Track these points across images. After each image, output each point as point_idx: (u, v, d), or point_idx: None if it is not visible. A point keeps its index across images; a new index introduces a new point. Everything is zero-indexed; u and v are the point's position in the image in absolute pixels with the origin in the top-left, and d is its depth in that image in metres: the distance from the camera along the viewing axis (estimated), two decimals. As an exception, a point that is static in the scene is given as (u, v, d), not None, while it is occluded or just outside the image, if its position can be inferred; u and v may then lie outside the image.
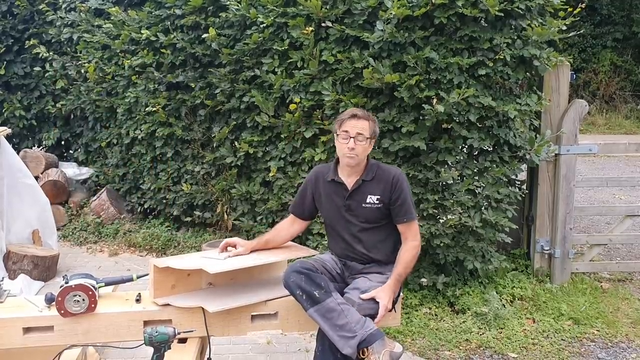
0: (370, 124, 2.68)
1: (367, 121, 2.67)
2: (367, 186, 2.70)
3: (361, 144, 2.64)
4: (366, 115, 2.71)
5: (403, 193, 2.67)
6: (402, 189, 2.67)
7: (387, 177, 2.69)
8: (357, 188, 2.70)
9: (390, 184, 2.67)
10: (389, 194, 2.67)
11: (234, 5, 4.65)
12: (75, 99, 6.53)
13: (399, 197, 2.67)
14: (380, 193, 2.68)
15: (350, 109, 2.84)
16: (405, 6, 3.74)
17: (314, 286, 2.46)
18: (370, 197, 2.68)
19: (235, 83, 4.89)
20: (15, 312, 2.49)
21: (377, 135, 2.75)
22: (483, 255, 4.22)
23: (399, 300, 2.71)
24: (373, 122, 2.70)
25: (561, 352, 3.66)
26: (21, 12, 6.73)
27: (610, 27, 15.23)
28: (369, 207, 2.69)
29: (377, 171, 2.72)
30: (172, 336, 2.30)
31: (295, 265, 2.55)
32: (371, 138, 2.69)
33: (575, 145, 4.45)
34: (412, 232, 2.70)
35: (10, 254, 4.73)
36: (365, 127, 2.65)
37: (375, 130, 2.71)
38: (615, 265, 4.82)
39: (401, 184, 2.68)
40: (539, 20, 3.97)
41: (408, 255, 2.66)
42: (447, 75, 3.78)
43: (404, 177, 2.73)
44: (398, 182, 2.68)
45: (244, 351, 3.66)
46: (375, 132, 2.72)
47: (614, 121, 13.97)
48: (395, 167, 2.83)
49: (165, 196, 5.77)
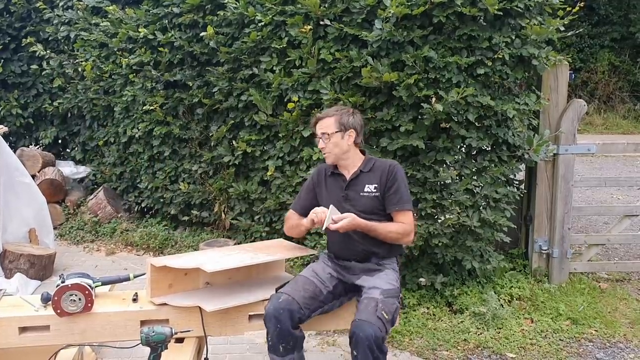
0: (335, 118, 2.75)
1: (329, 118, 2.77)
2: (365, 176, 2.78)
3: (328, 140, 2.75)
4: (329, 112, 2.81)
5: (397, 182, 2.73)
6: (396, 177, 2.73)
7: (384, 166, 2.78)
8: (355, 178, 2.79)
9: (387, 172, 2.75)
10: (385, 181, 2.74)
11: (232, 4, 4.64)
12: (73, 97, 6.52)
13: (393, 186, 2.73)
14: (377, 182, 2.75)
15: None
16: (404, 5, 3.73)
17: (283, 341, 2.51)
18: (368, 186, 2.76)
19: (233, 82, 4.88)
20: (11, 312, 2.48)
21: (351, 125, 2.77)
22: (481, 255, 4.22)
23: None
24: (338, 115, 2.76)
25: (559, 352, 3.65)
26: (18, 9, 6.71)
27: (608, 27, 15.26)
28: (367, 196, 2.75)
29: (375, 163, 2.82)
30: (169, 336, 2.29)
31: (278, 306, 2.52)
32: (340, 131, 2.74)
33: (573, 145, 4.44)
34: (407, 220, 2.73)
35: (7, 252, 4.71)
36: (327, 125, 2.76)
37: (343, 121, 2.75)
38: (613, 265, 4.82)
39: (396, 173, 2.74)
40: (537, 19, 3.96)
41: (396, 227, 2.71)
42: (445, 75, 3.77)
43: (400, 168, 2.79)
44: (393, 170, 2.75)
45: (242, 351, 3.65)
46: (346, 123, 2.75)
47: (611, 121, 13.99)
48: (393, 160, 2.93)
49: (163, 195, 5.75)
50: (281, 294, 2.58)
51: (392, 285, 2.68)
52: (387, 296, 2.58)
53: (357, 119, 2.81)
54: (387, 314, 2.48)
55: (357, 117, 2.82)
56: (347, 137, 2.76)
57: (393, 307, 2.55)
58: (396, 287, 2.70)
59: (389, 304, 2.54)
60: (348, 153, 2.80)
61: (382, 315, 2.46)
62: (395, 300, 2.61)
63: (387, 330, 2.47)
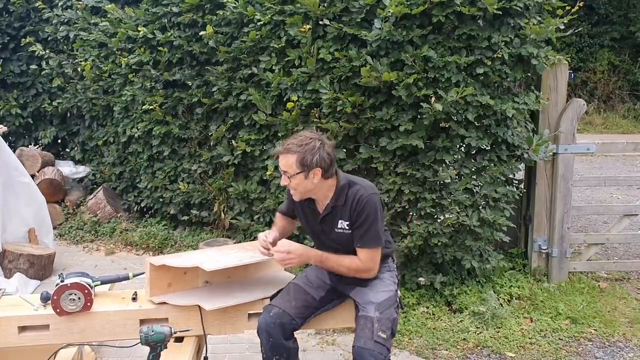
0: (297, 157, 2.41)
1: (291, 156, 2.43)
2: (339, 210, 2.53)
3: (290, 180, 2.47)
4: (291, 147, 2.45)
5: (362, 217, 2.46)
6: (362, 212, 2.46)
7: (354, 199, 2.49)
8: (329, 213, 2.56)
9: (355, 207, 2.48)
10: (354, 217, 2.49)
11: (231, 3, 4.64)
12: (72, 97, 6.51)
13: (358, 221, 2.48)
14: (348, 217, 2.51)
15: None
16: (403, 4, 3.73)
17: (276, 354, 2.55)
18: (341, 222, 2.53)
19: (232, 81, 4.88)
20: (11, 311, 2.48)
21: (315, 165, 2.42)
22: (481, 254, 4.22)
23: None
24: (301, 154, 2.41)
25: (558, 352, 3.65)
26: (17, 9, 6.70)
27: (607, 26, 15.25)
28: (341, 233, 2.54)
29: (348, 193, 2.51)
30: (168, 335, 2.29)
31: (269, 320, 2.53)
32: (302, 172, 2.43)
33: (573, 144, 4.44)
34: (366, 258, 2.50)
35: (6, 252, 4.71)
36: (288, 164, 2.45)
37: (306, 161, 2.41)
38: (612, 264, 4.82)
39: (364, 207, 2.46)
40: (537, 18, 3.96)
41: (349, 262, 2.52)
42: (445, 74, 3.77)
43: (371, 200, 2.48)
44: (361, 205, 2.46)
45: (241, 350, 3.65)
46: (309, 164, 2.42)
47: (611, 121, 13.98)
48: (366, 188, 2.52)
49: (162, 195, 5.75)
50: (272, 307, 2.57)
51: (387, 292, 2.59)
52: (383, 310, 2.50)
53: (323, 155, 2.43)
54: (384, 332, 2.44)
55: (322, 152, 2.43)
56: (312, 177, 2.45)
57: (391, 320, 2.49)
58: (392, 291, 2.62)
59: (385, 320, 2.47)
60: (315, 189, 2.51)
61: (379, 337, 2.43)
62: (392, 309, 2.54)
63: (388, 348, 2.45)
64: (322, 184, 2.50)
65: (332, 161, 2.49)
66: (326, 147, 2.47)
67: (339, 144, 4.20)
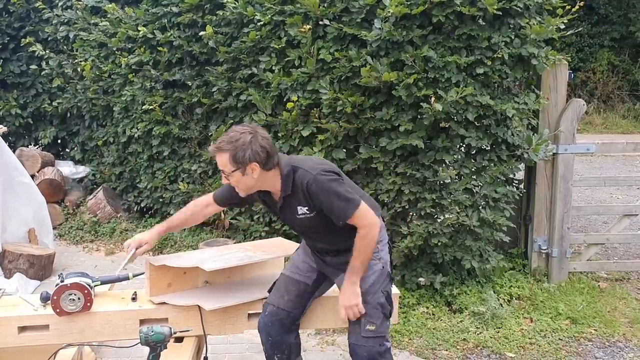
0: (230, 154, 2.32)
1: (223, 154, 2.34)
2: (292, 199, 2.45)
3: (229, 179, 2.40)
4: (222, 145, 2.35)
5: (320, 198, 2.36)
6: (317, 196, 2.36)
7: (302, 187, 2.38)
8: (284, 204, 2.48)
9: (307, 194, 2.38)
10: (312, 204, 2.40)
11: (231, 3, 4.63)
12: (72, 97, 6.51)
13: (320, 204, 2.38)
14: (306, 203, 2.42)
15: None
16: (403, 4, 3.73)
17: (277, 351, 2.60)
18: (300, 208, 2.44)
19: (232, 81, 4.88)
20: (11, 311, 2.48)
21: (250, 160, 2.31)
22: (481, 254, 4.21)
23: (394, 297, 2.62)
24: (232, 151, 2.31)
25: (558, 352, 3.65)
26: (17, 9, 6.70)
27: (607, 26, 15.24)
28: (305, 217, 2.46)
29: (294, 180, 2.41)
30: (168, 336, 2.29)
31: (266, 319, 2.57)
32: (237, 169, 2.34)
33: (573, 144, 4.44)
34: (358, 222, 2.38)
35: (6, 252, 4.71)
36: (222, 162, 2.36)
37: (238, 159, 2.31)
38: (612, 264, 4.82)
39: (315, 192, 2.36)
40: (537, 18, 3.96)
41: (359, 244, 2.40)
42: (445, 74, 3.77)
43: (318, 179, 2.36)
44: (310, 190, 2.36)
45: (241, 350, 3.65)
46: (242, 160, 2.31)
47: (611, 121, 13.97)
48: (309, 170, 2.40)
49: (162, 195, 5.75)
50: (267, 305, 2.58)
51: (372, 275, 2.48)
52: (369, 298, 2.44)
53: (255, 148, 2.31)
54: (373, 324, 2.44)
55: (255, 145, 2.31)
56: (250, 172, 2.34)
57: (379, 306, 2.45)
58: (377, 270, 2.51)
59: (372, 310, 2.44)
60: (259, 183, 2.42)
61: (367, 332, 2.44)
62: (379, 293, 2.47)
63: (381, 336, 2.45)
64: (265, 176, 2.39)
65: (268, 153, 2.35)
66: (259, 139, 2.34)
67: (339, 144, 4.20)
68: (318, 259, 2.65)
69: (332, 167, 2.48)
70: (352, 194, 2.37)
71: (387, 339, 2.50)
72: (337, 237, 2.49)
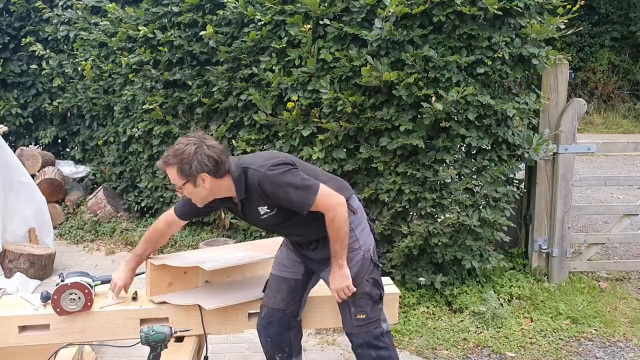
0: (177, 168, 2.27)
1: (171, 168, 2.29)
2: (250, 201, 2.39)
3: (182, 192, 2.35)
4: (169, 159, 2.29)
5: (277, 194, 2.30)
6: (272, 192, 2.30)
7: (254, 188, 2.33)
8: (244, 208, 2.43)
9: (261, 193, 2.33)
10: (270, 202, 2.35)
11: (231, 3, 4.64)
12: (72, 97, 6.52)
13: (278, 201, 2.33)
14: (264, 203, 2.37)
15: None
16: (404, 4, 3.73)
17: (278, 351, 2.63)
18: (261, 208, 2.40)
19: (232, 81, 4.88)
20: (11, 311, 2.48)
21: (198, 170, 2.25)
22: (481, 254, 4.21)
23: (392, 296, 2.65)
24: (178, 164, 2.26)
25: (559, 351, 3.65)
26: (17, 9, 6.71)
27: (608, 26, 15.24)
28: (268, 216, 2.41)
29: (247, 182, 2.35)
30: (169, 335, 2.29)
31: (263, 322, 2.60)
32: (188, 181, 2.28)
33: (573, 144, 4.44)
34: (322, 206, 2.32)
35: (7, 252, 4.71)
36: (172, 177, 2.32)
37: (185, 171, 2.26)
38: (613, 264, 4.82)
39: (268, 189, 2.30)
40: (537, 18, 3.96)
41: (330, 228, 2.35)
42: (445, 74, 3.77)
43: (269, 176, 2.29)
44: (263, 188, 2.31)
45: (241, 350, 3.65)
46: (189, 172, 2.26)
47: (611, 120, 13.97)
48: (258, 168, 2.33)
49: (162, 195, 5.75)
50: (262, 308, 2.61)
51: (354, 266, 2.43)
52: (355, 287, 2.41)
53: (202, 159, 2.25)
54: (362, 312, 2.45)
55: (200, 156, 2.25)
56: (201, 183, 2.29)
57: (365, 294, 2.43)
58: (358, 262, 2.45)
59: (359, 300, 2.44)
60: (213, 192, 2.36)
61: (358, 320, 2.46)
62: (364, 281, 2.43)
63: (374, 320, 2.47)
64: (218, 184, 2.34)
65: (217, 161, 2.28)
66: (205, 149, 2.27)
67: (339, 144, 4.20)
68: (299, 254, 2.61)
69: (283, 158, 2.38)
70: (307, 181, 2.31)
71: (381, 321, 2.50)
72: (308, 228, 2.44)
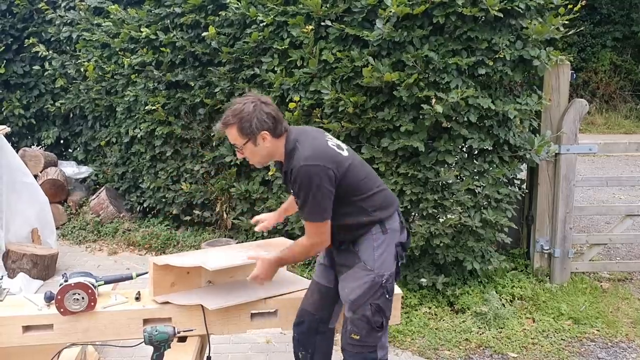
0: (237, 127, 2.30)
1: (231, 127, 2.32)
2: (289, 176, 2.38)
3: (243, 152, 2.39)
4: (229, 119, 2.33)
5: (297, 187, 2.29)
6: (295, 182, 2.29)
7: (292, 167, 2.31)
8: (285, 179, 2.43)
9: (293, 176, 2.30)
10: (294, 187, 2.32)
11: (233, 4, 4.65)
12: (75, 97, 6.53)
13: (294, 189, 2.32)
14: (292, 185, 2.36)
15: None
16: (405, 4, 3.73)
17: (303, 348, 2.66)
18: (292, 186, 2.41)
19: (234, 82, 4.89)
20: (15, 311, 2.48)
21: (258, 128, 2.28)
22: (482, 255, 4.22)
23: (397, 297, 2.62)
24: (238, 123, 2.29)
25: (561, 352, 3.65)
26: (20, 10, 6.72)
27: (610, 26, 15.22)
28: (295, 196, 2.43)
29: (293, 158, 2.32)
30: (172, 335, 2.30)
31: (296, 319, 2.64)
32: (249, 140, 2.31)
33: (575, 144, 4.44)
34: (308, 231, 2.34)
35: (10, 252, 4.73)
36: (232, 137, 2.35)
37: (245, 130, 2.29)
38: (615, 265, 4.82)
39: (295, 178, 2.28)
40: (538, 19, 3.96)
41: (295, 247, 2.42)
42: (445, 77, 3.77)
43: (303, 171, 2.25)
44: (293, 174, 2.29)
45: (244, 350, 3.66)
46: (249, 130, 2.29)
47: (613, 121, 13.96)
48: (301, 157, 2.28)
49: (165, 195, 5.76)
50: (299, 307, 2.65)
51: (362, 285, 2.36)
52: (356, 309, 2.37)
53: (260, 116, 2.29)
54: (357, 333, 2.39)
55: (259, 113, 2.29)
56: (261, 141, 2.32)
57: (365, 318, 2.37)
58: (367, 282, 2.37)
59: (357, 321, 2.38)
60: (272, 153, 2.38)
61: (351, 339, 2.42)
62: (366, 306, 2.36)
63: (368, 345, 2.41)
64: (276, 144, 2.36)
65: (275, 118, 2.32)
66: (263, 107, 2.31)
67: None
68: (330, 257, 2.61)
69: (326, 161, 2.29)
70: (322, 205, 2.27)
71: (378, 348, 2.43)
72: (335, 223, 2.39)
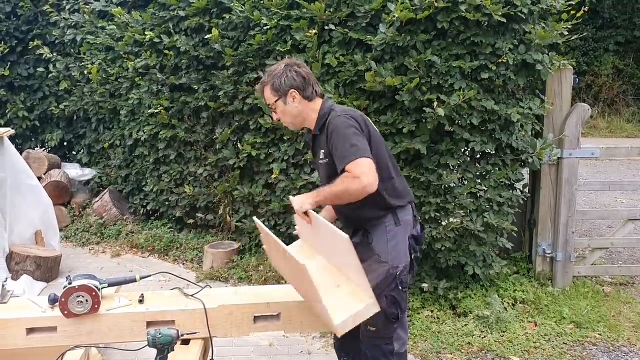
0: (270, 86, 2.44)
1: (266, 87, 2.47)
2: (319, 140, 2.46)
3: (277, 112, 2.49)
4: (264, 79, 2.48)
5: (334, 138, 2.31)
6: (332, 134, 2.32)
7: (328, 126, 2.38)
8: (314, 143, 2.50)
9: (328, 134, 2.35)
10: (330, 146, 2.35)
11: (237, 8, 4.66)
12: (79, 100, 6.56)
13: (332, 145, 2.33)
14: (325, 146, 2.40)
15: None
16: (409, 9, 3.75)
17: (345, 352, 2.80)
18: (322, 152, 2.45)
19: (238, 85, 4.90)
20: (19, 313, 2.49)
21: (288, 86, 2.40)
22: (484, 259, 4.22)
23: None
24: (270, 82, 2.44)
25: (563, 356, 3.65)
26: (25, 13, 6.77)
27: (612, 30, 15.22)
28: (323, 163, 2.45)
29: (327, 121, 2.40)
30: (176, 338, 2.30)
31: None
32: (279, 98, 2.43)
33: (577, 148, 4.45)
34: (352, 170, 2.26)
35: (13, 254, 4.75)
36: (266, 96, 2.48)
37: (276, 87, 2.42)
38: (617, 269, 4.82)
39: (332, 130, 2.33)
40: (541, 25, 3.97)
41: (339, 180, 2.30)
42: (448, 80, 3.78)
43: (338, 121, 2.34)
44: (330, 129, 2.34)
45: (247, 353, 3.67)
46: (280, 88, 2.41)
47: (615, 125, 13.94)
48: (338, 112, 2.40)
49: (168, 198, 5.78)
50: None
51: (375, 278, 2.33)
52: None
53: (291, 75, 2.41)
54: (373, 325, 2.43)
55: (290, 72, 2.42)
56: (291, 100, 2.43)
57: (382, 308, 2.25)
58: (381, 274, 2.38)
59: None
60: (303, 114, 2.47)
61: (367, 331, 2.47)
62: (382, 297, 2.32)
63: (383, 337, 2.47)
64: (306, 107, 2.46)
65: (305, 78, 2.44)
66: (294, 68, 2.44)
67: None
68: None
69: (361, 118, 2.41)
70: (360, 146, 2.28)
71: (394, 340, 2.51)
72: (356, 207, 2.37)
